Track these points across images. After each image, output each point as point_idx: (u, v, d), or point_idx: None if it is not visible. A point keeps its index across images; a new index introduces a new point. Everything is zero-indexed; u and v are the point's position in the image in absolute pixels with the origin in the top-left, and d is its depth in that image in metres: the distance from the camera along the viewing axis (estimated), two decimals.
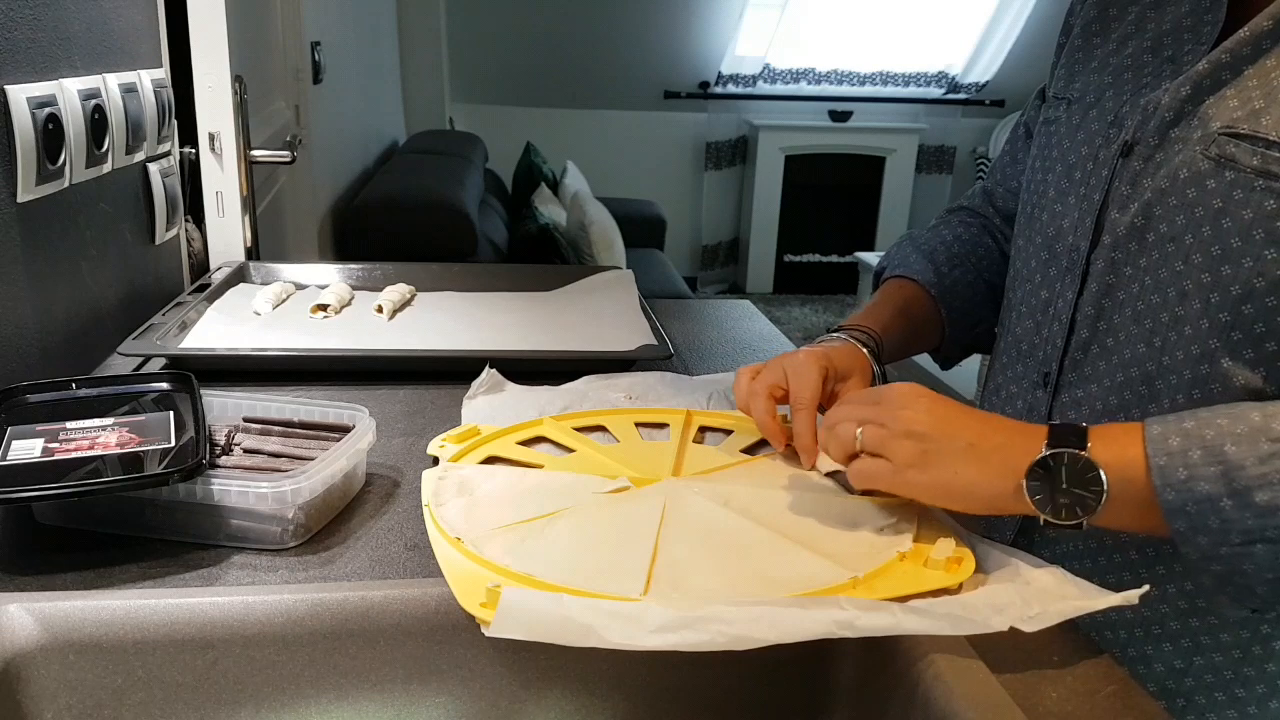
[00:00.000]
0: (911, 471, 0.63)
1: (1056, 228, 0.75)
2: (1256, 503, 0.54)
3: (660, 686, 0.61)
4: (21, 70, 0.84)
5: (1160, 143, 0.67)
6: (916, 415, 0.63)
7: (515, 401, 0.90)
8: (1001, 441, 0.62)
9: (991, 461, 0.61)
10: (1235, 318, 0.62)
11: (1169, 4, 0.72)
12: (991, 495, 0.61)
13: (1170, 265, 0.66)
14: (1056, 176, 0.76)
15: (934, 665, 0.54)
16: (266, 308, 1.12)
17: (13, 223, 0.83)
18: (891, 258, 0.95)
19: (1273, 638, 0.67)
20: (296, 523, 0.65)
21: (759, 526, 0.66)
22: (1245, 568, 0.55)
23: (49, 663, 0.55)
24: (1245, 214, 0.61)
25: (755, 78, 4.94)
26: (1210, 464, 0.55)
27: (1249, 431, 0.55)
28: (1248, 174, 0.61)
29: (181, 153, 1.28)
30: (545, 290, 1.27)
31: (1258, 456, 0.54)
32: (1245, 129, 0.62)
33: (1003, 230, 0.94)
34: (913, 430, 0.63)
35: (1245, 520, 0.54)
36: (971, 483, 0.61)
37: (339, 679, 0.58)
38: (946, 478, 0.62)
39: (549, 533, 0.65)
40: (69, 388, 0.75)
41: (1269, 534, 0.54)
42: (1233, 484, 0.54)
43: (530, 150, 4.13)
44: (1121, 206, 0.69)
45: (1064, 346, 0.74)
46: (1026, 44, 4.75)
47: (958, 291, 0.90)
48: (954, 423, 0.63)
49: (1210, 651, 0.68)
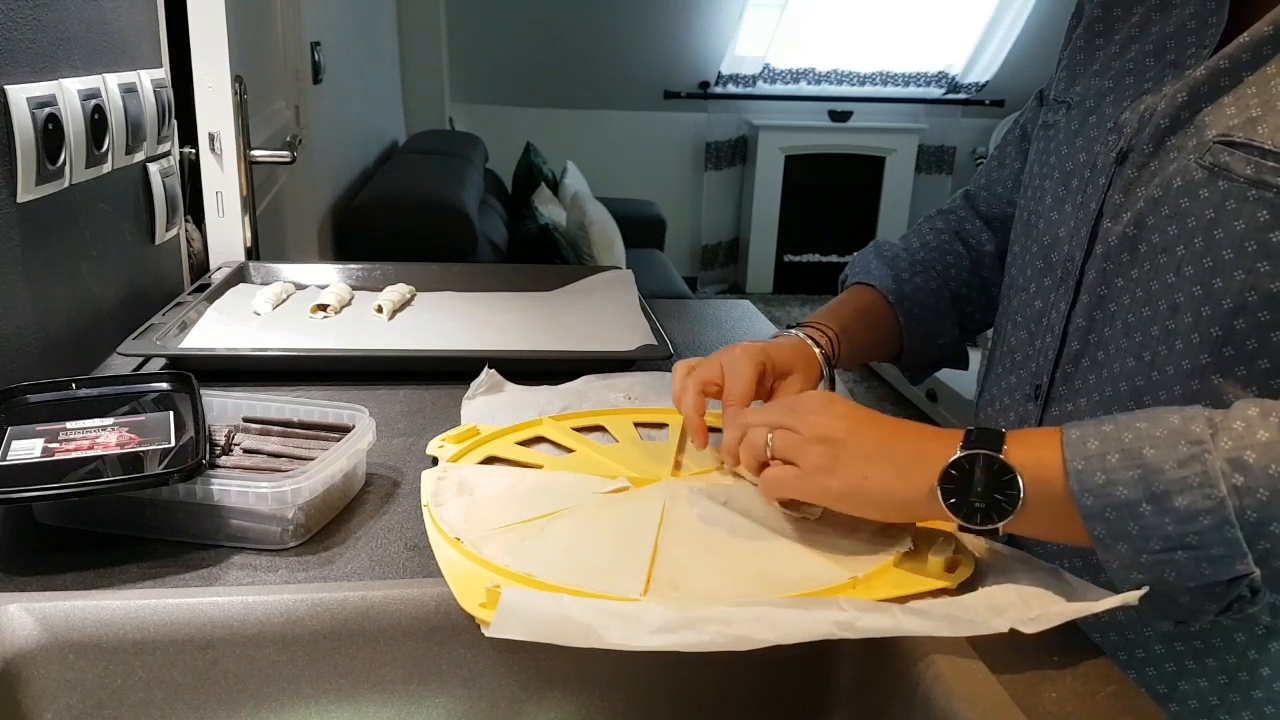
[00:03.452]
0: (820, 476, 0.60)
1: (1052, 236, 0.74)
2: (1176, 507, 0.51)
3: (660, 687, 0.61)
4: (21, 70, 0.84)
5: (1155, 150, 0.65)
6: (829, 421, 0.61)
7: (514, 402, 0.90)
8: (916, 446, 0.60)
9: (905, 465, 0.59)
10: (1227, 332, 0.60)
11: (1174, 5, 0.70)
12: (904, 499, 0.59)
13: (1162, 277, 0.64)
14: (1053, 184, 0.74)
15: (934, 665, 0.54)
16: (266, 308, 1.12)
17: (13, 223, 0.83)
18: (854, 264, 0.94)
19: (1259, 664, 0.65)
20: (296, 523, 0.65)
21: (759, 526, 0.66)
22: (1167, 576, 0.53)
23: (49, 663, 0.55)
24: (1238, 225, 0.59)
25: (755, 78, 4.94)
26: (1129, 468, 0.53)
27: (1168, 434, 0.53)
28: (1241, 184, 0.59)
29: (181, 153, 1.28)
30: (545, 290, 1.27)
31: (1177, 460, 0.52)
32: (1240, 137, 0.60)
33: (979, 236, 0.92)
34: (824, 435, 0.61)
35: (1165, 526, 0.52)
36: (883, 487, 0.59)
37: (339, 679, 0.58)
38: (856, 482, 0.60)
39: (548, 533, 0.65)
40: (69, 388, 0.75)
41: (1189, 540, 0.51)
42: (1151, 488, 0.52)
43: (530, 150, 4.13)
44: (1115, 215, 0.67)
45: (1055, 359, 0.73)
46: (1026, 44, 4.75)
47: (917, 299, 0.88)
48: (867, 427, 0.61)
49: (1195, 677, 0.67)
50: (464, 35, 4.51)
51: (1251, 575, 0.52)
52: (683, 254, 5.10)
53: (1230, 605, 0.54)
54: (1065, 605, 0.55)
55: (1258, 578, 0.52)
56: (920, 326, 0.89)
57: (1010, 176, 0.91)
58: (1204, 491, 0.51)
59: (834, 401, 0.64)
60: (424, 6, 4.24)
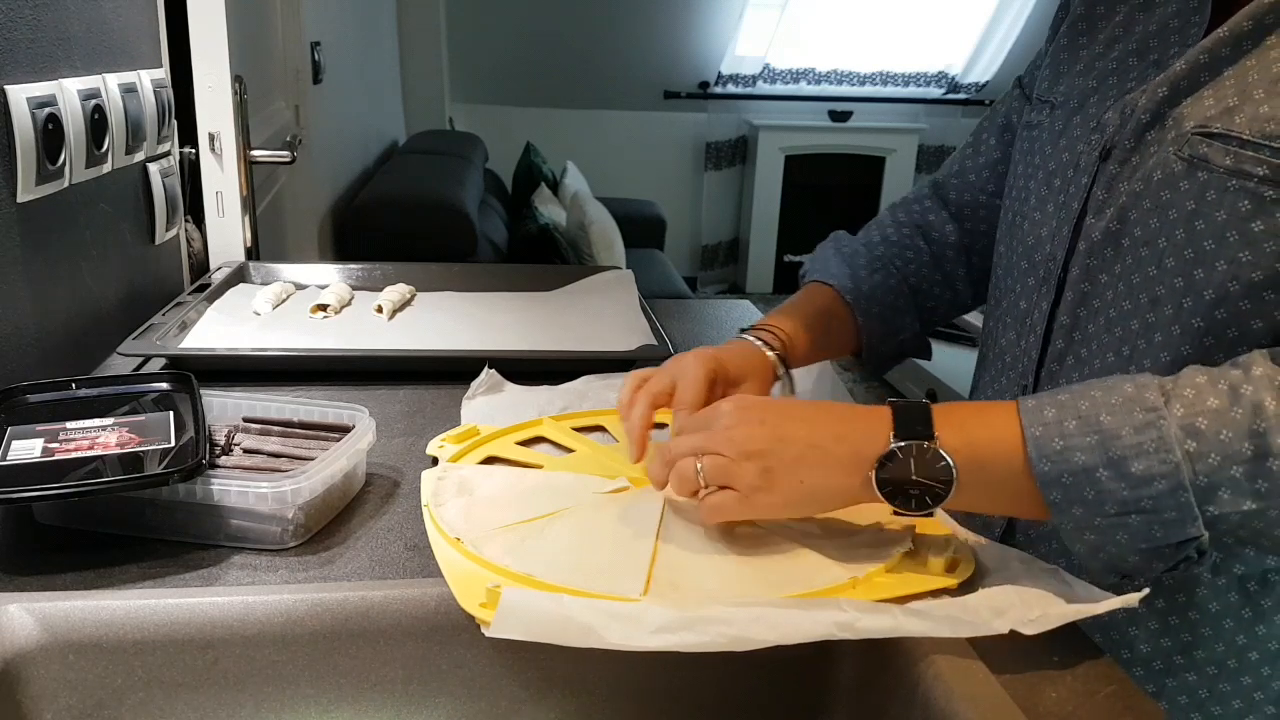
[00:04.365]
0: (759, 495, 0.60)
1: (1036, 236, 0.74)
2: (1132, 472, 0.52)
3: (660, 687, 0.61)
4: (21, 70, 0.84)
5: (1136, 145, 0.65)
6: (750, 432, 0.60)
7: (514, 402, 0.90)
8: (841, 432, 0.59)
9: (836, 458, 0.59)
10: (1209, 323, 0.61)
11: (1157, 4, 0.69)
12: (840, 493, 0.60)
13: (1143, 270, 0.64)
14: (1037, 184, 0.74)
15: (934, 666, 0.54)
16: (266, 308, 1.12)
17: (13, 223, 0.83)
18: (814, 259, 0.93)
19: (1248, 649, 0.66)
20: (296, 523, 0.65)
21: (759, 526, 0.66)
22: (1119, 539, 0.54)
23: (49, 663, 0.55)
24: (1219, 215, 0.59)
25: (755, 78, 4.94)
26: (1086, 434, 0.54)
27: (1123, 401, 0.54)
28: (1221, 174, 0.59)
29: (181, 153, 1.28)
30: (545, 290, 1.27)
31: (1133, 426, 0.53)
32: (1218, 127, 0.60)
33: (942, 229, 0.91)
34: (749, 449, 0.60)
35: (1121, 491, 0.53)
36: (818, 487, 0.59)
37: (339, 679, 0.58)
38: (792, 489, 0.59)
39: (549, 533, 0.65)
40: (69, 388, 0.75)
41: (1144, 504, 0.53)
42: (1109, 453, 0.53)
43: (530, 150, 4.13)
44: (1097, 212, 0.67)
45: (1040, 357, 0.73)
46: (1026, 44, 4.75)
47: (876, 298, 0.87)
48: (788, 427, 0.60)
49: (1183, 672, 0.67)
50: (464, 35, 4.51)
51: (1200, 538, 0.53)
52: (683, 254, 5.10)
53: (1176, 565, 0.55)
54: (1065, 606, 0.55)
55: (1205, 540, 0.53)
56: (879, 325, 0.88)
57: (986, 165, 0.90)
58: (1160, 457, 0.52)
59: (747, 406, 0.63)
60: (424, 6, 4.24)
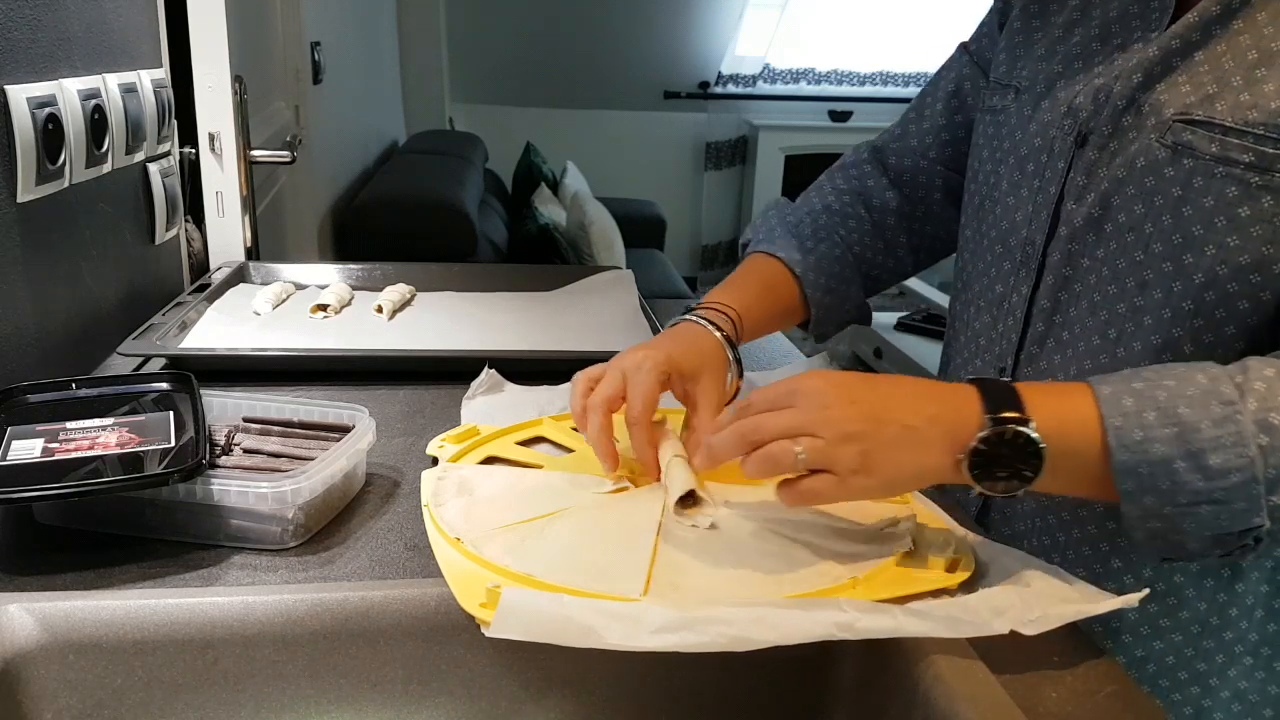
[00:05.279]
0: (858, 478, 0.58)
1: (1010, 221, 0.74)
2: (1210, 465, 0.53)
3: (660, 687, 0.61)
4: (21, 70, 0.84)
5: (1114, 131, 0.66)
6: (844, 413, 0.58)
7: (514, 401, 0.90)
8: (935, 413, 0.58)
9: (930, 440, 0.58)
10: (1198, 305, 0.62)
11: None
12: (933, 474, 0.59)
13: (1129, 255, 0.65)
14: (1009, 169, 0.75)
15: (934, 666, 0.54)
16: (266, 308, 1.12)
17: (13, 223, 0.83)
18: (757, 230, 0.91)
19: (1229, 605, 0.68)
20: (296, 523, 0.65)
21: (759, 526, 0.66)
22: (1186, 525, 0.55)
23: (49, 663, 0.55)
24: (1206, 201, 0.61)
25: (755, 78, 4.94)
26: (1166, 425, 0.54)
27: (1199, 394, 0.55)
28: (1207, 161, 0.61)
29: (181, 153, 1.28)
30: (545, 290, 1.27)
31: (1211, 419, 0.54)
32: (1200, 115, 0.61)
33: (882, 195, 0.91)
34: (847, 431, 0.57)
35: (1196, 482, 0.54)
36: (914, 468, 0.58)
37: (339, 679, 0.58)
38: (891, 473, 0.58)
39: (549, 533, 0.65)
40: (69, 388, 0.75)
41: (1216, 495, 0.54)
42: (1188, 446, 0.54)
43: (530, 150, 4.13)
44: (1078, 198, 0.68)
45: (1019, 341, 0.74)
46: None
47: (822, 269, 0.87)
48: (882, 407, 0.59)
49: (1169, 633, 0.69)
50: (464, 35, 4.51)
51: (1262, 527, 0.54)
52: (683, 254, 5.10)
53: (1233, 552, 0.56)
54: (1066, 607, 0.55)
55: (1265, 529, 0.54)
56: (826, 296, 0.87)
57: (930, 131, 0.89)
58: (1237, 450, 0.53)
59: (831, 385, 0.60)
60: (424, 6, 4.24)
